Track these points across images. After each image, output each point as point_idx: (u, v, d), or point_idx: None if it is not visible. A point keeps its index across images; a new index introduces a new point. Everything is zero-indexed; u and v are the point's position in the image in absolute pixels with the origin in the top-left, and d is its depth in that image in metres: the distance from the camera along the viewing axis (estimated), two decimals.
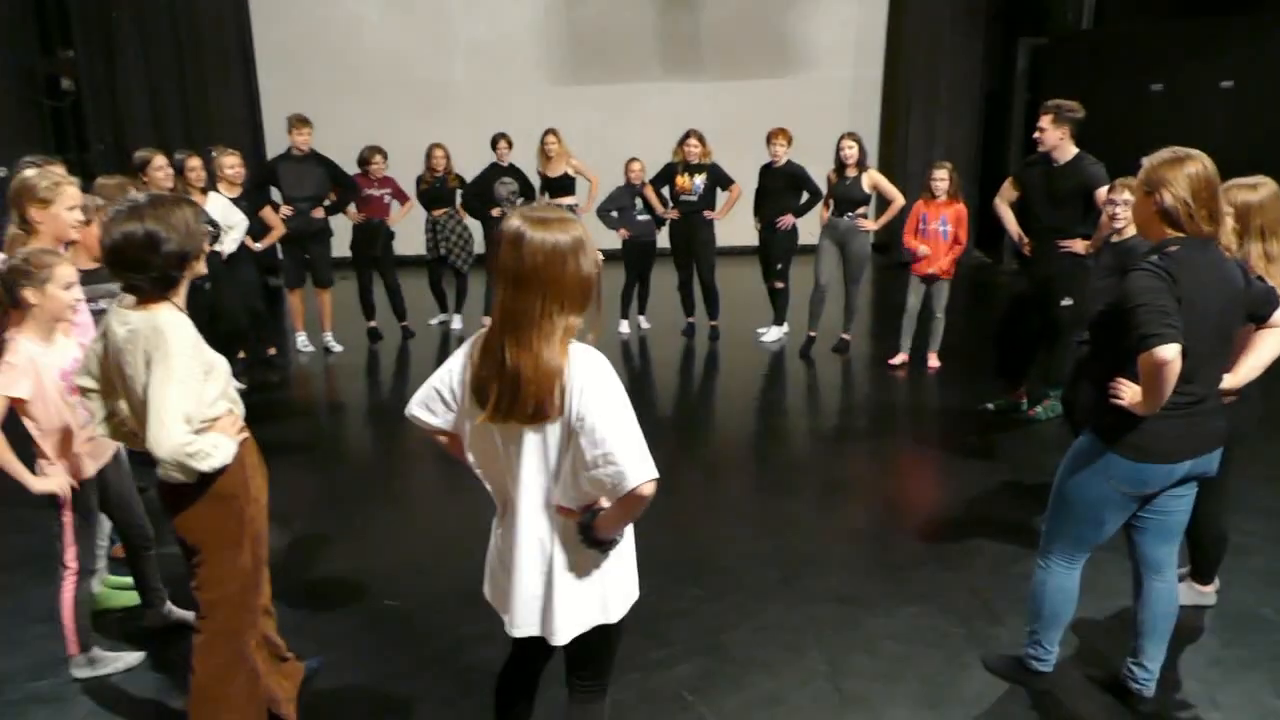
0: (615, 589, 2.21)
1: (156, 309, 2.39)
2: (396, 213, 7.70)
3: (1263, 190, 3.17)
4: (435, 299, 8.24)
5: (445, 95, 10.63)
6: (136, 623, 3.55)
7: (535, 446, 2.05)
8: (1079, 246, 5.30)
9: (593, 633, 2.20)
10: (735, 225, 8.00)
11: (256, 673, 2.70)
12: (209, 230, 2.53)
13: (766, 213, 7.39)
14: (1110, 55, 9.20)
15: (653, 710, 3.07)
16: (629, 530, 2.19)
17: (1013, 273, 5.86)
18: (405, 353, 7.64)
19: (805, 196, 7.25)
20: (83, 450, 3.09)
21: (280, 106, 7.68)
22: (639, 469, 1.96)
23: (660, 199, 7.61)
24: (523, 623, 2.18)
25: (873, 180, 6.90)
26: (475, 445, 2.15)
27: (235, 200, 6.38)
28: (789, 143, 7.17)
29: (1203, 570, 3.58)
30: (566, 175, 7.86)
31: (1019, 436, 5.58)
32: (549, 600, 2.14)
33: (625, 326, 7.98)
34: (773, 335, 7.69)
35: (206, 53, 10.07)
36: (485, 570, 2.32)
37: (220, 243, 6.01)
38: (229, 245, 6.16)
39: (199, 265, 2.49)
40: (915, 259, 6.59)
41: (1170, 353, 2.41)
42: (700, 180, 7.38)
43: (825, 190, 7.11)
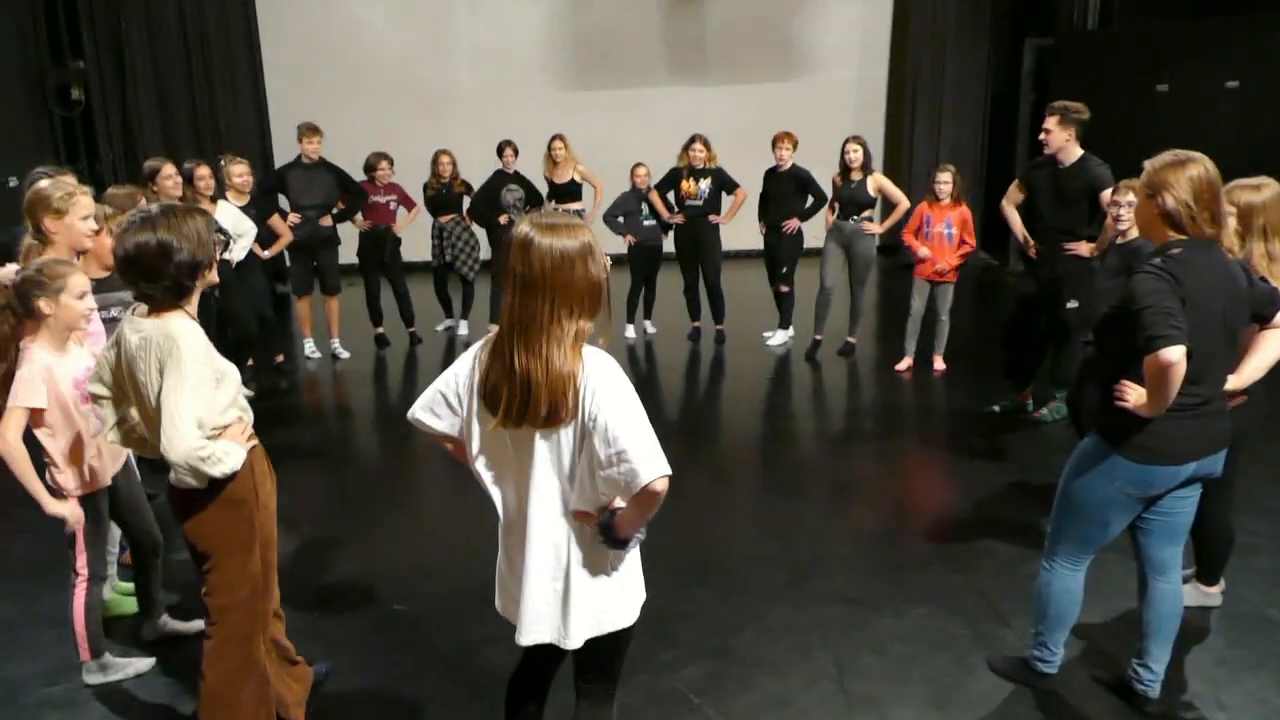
0: (625, 592, 2.22)
1: (169, 317, 2.42)
2: (403, 219, 7.73)
3: (1266, 191, 3.18)
4: (441, 305, 8.28)
5: (451, 102, 10.67)
6: (138, 629, 3.57)
7: (548, 451, 2.06)
8: (1084, 250, 5.31)
9: (603, 637, 2.20)
10: (740, 229, 8.04)
11: (266, 677, 2.72)
12: (220, 239, 2.55)
13: (772, 217, 7.40)
14: (1115, 55, 9.20)
15: (660, 712, 3.09)
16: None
17: (1019, 274, 5.87)
18: (413, 359, 7.67)
19: (810, 200, 7.27)
20: (94, 458, 3.12)
21: (288, 115, 7.73)
22: (652, 466, 1.98)
23: (665, 204, 7.63)
24: (534, 629, 2.17)
25: (877, 183, 6.92)
26: (487, 450, 2.15)
27: (243, 208, 6.42)
28: (794, 146, 7.19)
29: (1208, 571, 3.58)
30: (573, 181, 7.89)
31: (1025, 438, 5.58)
32: (563, 605, 2.14)
33: (631, 331, 8.00)
34: (778, 339, 7.71)
35: (215, 62, 10.14)
36: (496, 584, 2.31)
37: (230, 251, 6.06)
38: (238, 253, 6.21)
39: (211, 274, 2.52)
40: (917, 260, 6.60)
41: (1175, 354, 2.42)
42: (705, 184, 7.40)
43: (830, 194, 7.13)
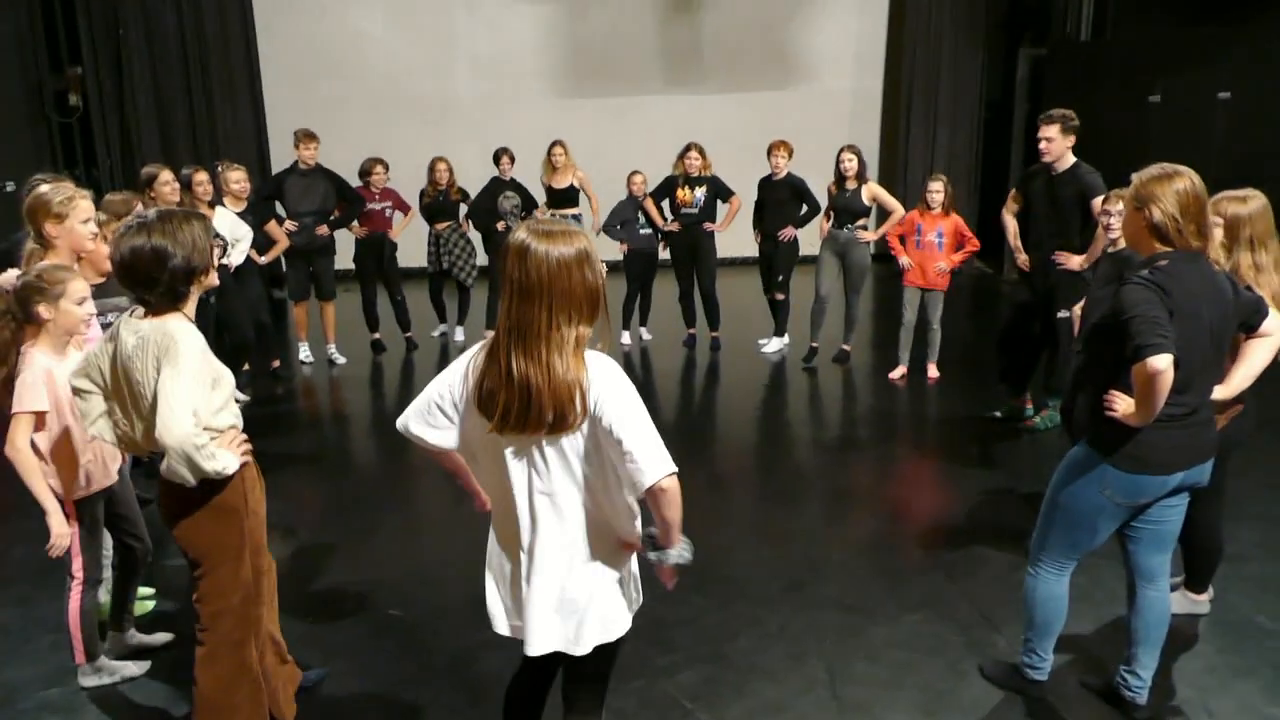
0: (627, 598, 2.24)
1: (167, 318, 2.45)
2: (399, 224, 7.75)
3: (1252, 203, 3.23)
4: (435, 311, 8.28)
5: (449, 109, 10.71)
6: (145, 630, 3.58)
7: (557, 457, 2.06)
8: (1074, 263, 5.33)
9: (603, 643, 2.21)
10: (736, 236, 8.07)
11: (260, 682, 2.73)
12: (218, 244, 2.58)
13: (767, 225, 7.42)
14: (1109, 66, 9.27)
15: (654, 717, 3.10)
16: (621, 542, 2.21)
17: (1013, 282, 5.91)
18: (409, 364, 7.69)
19: (805, 209, 7.30)
20: (90, 463, 3.13)
21: (286, 121, 7.75)
22: (657, 466, 2.00)
23: (660, 212, 7.65)
24: (544, 638, 2.15)
25: (872, 192, 6.95)
26: (488, 459, 2.13)
27: (241, 214, 6.44)
28: (789, 155, 7.21)
29: (1197, 579, 3.61)
30: (572, 187, 7.92)
31: (1019, 446, 5.61)
32: (573, 612, 2.14)
33: (627, 337, 8.02)
34: (774, 346, 7.73)
35: (213, 69, 10.17)
36: (491, 602, 2.27)
37: (228, 256, 6.08)
38: (236, 258, 6.23)
39: (208, 279, 2.54)
40: (901, 269, 6.64)
41: (1163, 362, 2.45)
42: (701, 192, 7.43)
43: (825, 202, 7.16)
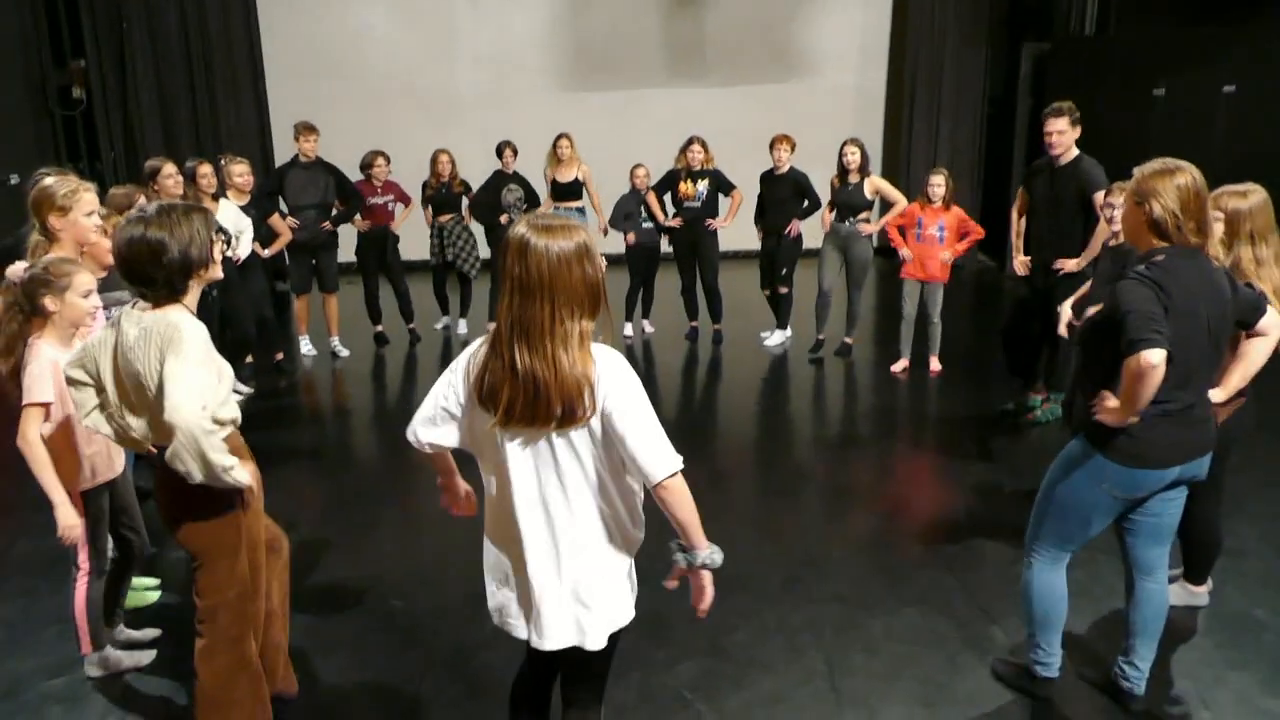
0: (629, 591, 2.25)
1: (168, 310, 2.44)
2: (400, 215, 7.74)
3: (1253, 197, 3.24)
4: (438, 303, 8.29)
5: (452, 103, 10.70)
6: (149, 621, 3.62)
7: (566, 449, 2.07)
8: (1070, 265, 5.32)
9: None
10: (738, 230, 8.06)
11: (259, 675, 2.73)
12: (219, 238, 2.55)
13: (770, 220, 7.39)
14: (1112, 61, 9.25)
15: (653, 709, 3.13)
16: (627, 534, 2.23)
17: (1015, 277, 5.91)
18: (412, 358, 7.71)
19: (805, 204, 7.29)
20: (95, 455, 3.14)
21: (289, 115, 7.75)
22: (660, 465, 2.04)
23: (662, 206, 7.65)
24: (555, 634, 2.16)
25: (875, 185, 6.95)
26: (493, 455, 2.14)
27: (244, 208, 6.47)
28: (792, 149, 7.19)
29: (1196, 571, 3.62)
30: (577, 180, 7.92)
31: (1020, 440, 5.62)
32: (584, 606, 2.15)
33: (629, 330, 8.04)
34: (776, 339, 7.74)
35: (216, 62, 10.17)
36: (493, 598, 2.28)
37: (234, 248, 6.11)
38: (243, 250, 6.25)
39: (210, 273, 2.52)
40: (901, 261, 6.63)
41: (1156, 357, 2.45)
42: (703, 186, 7.43)
43: (828, 196, 7.15)
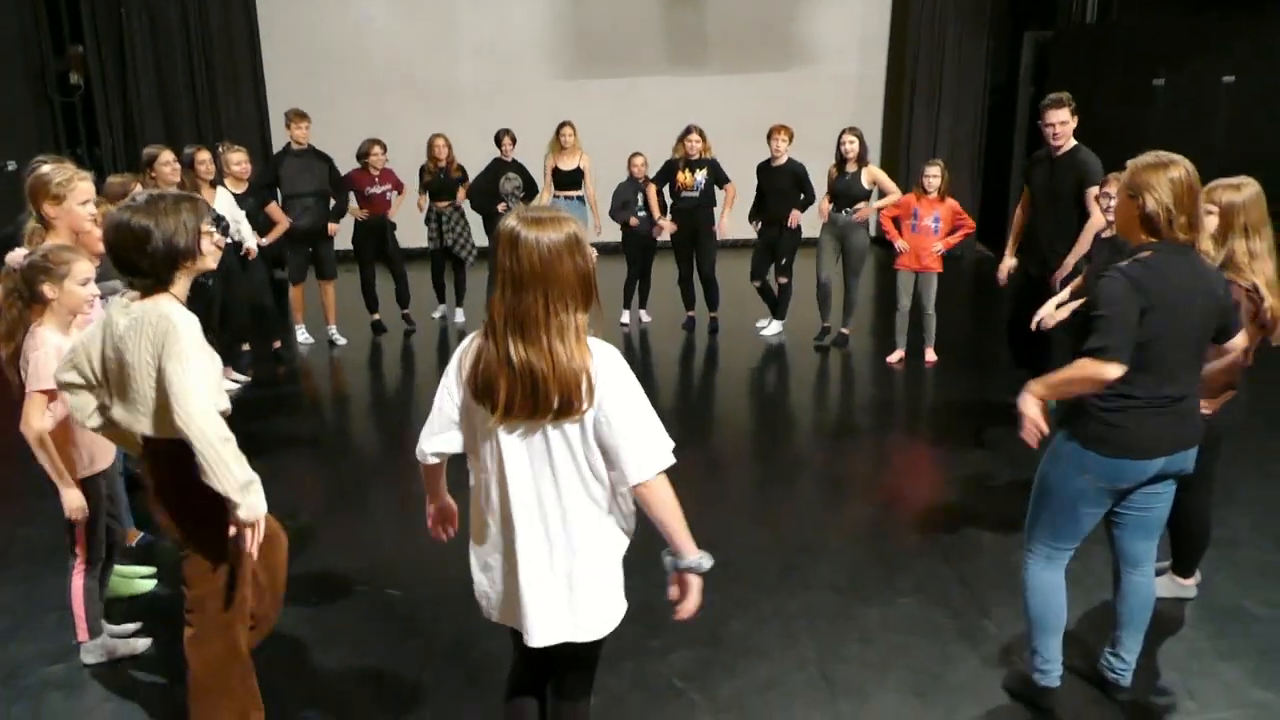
0: (620, 583, 2.25)
1: (158, 300, 2.42)
2: (396, 203, 7.73)
3: (1246, 190, 3.24)
4: (436, 292, 8.26)
5: (452, 91, 10.67)
6: (145, 610, 3.64)
7: (562, 441, 2.07)
8: (1067, 268, 5.24)
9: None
10: (735, 220, 8.05)
11: (250, 663, 2.72)
12: (212, 230, 2.53)
13: (773, 209, 7.29)
14: (1114, 49, 9.22)
15: (646, 698, 3.15)
16: (619, 526, 2.22)
17: (1011, 269, 5.91)
18: (409, 346, 7.72)
19: (802, 197, 7.25)
20: (92, 443, 3.15)
21: (288, 104, 7.71)
22: (644, 466, 2.04)
23: (660, 201, 7.63)
24: (548, 629, 2.16)
25: (872, 175, 6.94)
26: (488, 451, 2.13)
27: (242, 195, 6.47)
28: (790, 139, 7.16)
29: (1184, 564, 3.64)
30: (578, 169, 7.90)
31: (1015, 430, 5.60)
32: (578, 601, 2.15)
33: (627, 318, 8.05)
34: (773, 329, 7.74)
35: (216, 50, 10.15)
36: (484, 593, 2.27)
37: (240, 235, 6.17)
38: (249, 240, 6.31)
39: (199, 263, 2.49)
40: (898, 252, 6.63)
41: (1113, 372, 2.53)
42: (701, 176, 7.41)
43: (826, 186, 7.11)
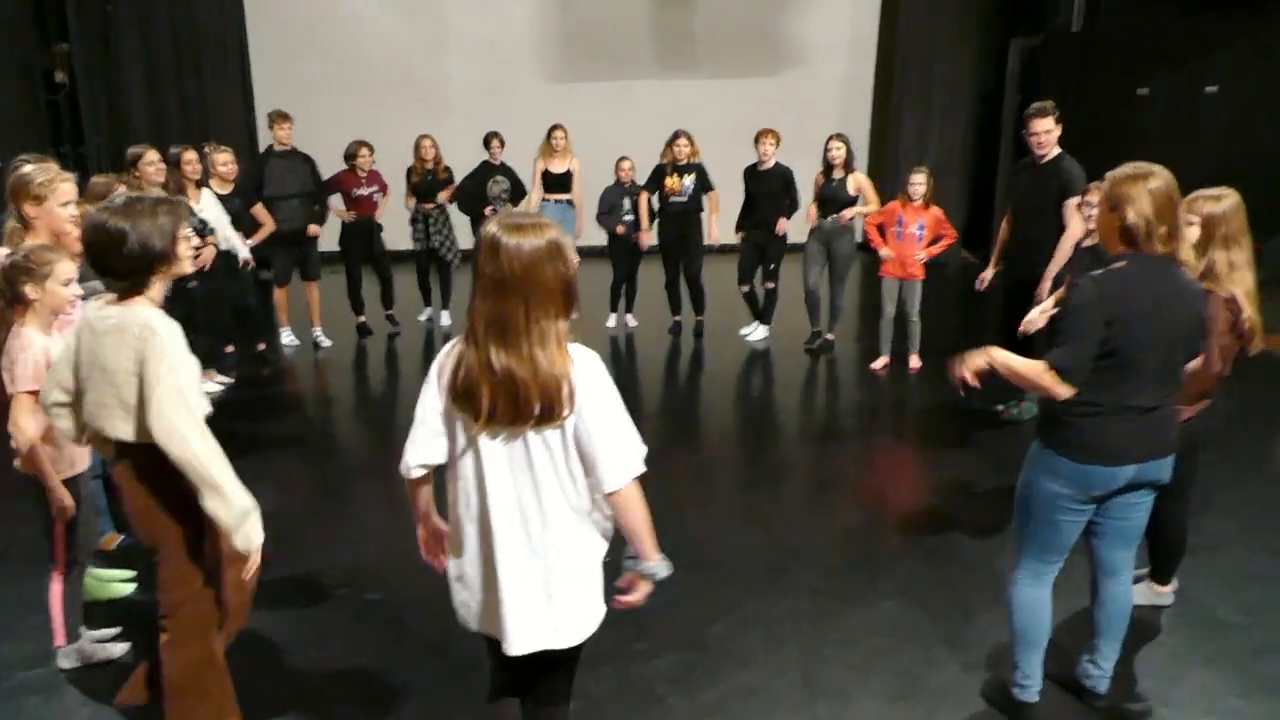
0: (599, 587, 2.26)
1: (136, 305, 2.40)
2: (383, 204, 7.71)
3: (1226, 201, 3.27)
4: (422, 294, 8.23)
5: (441, 92, 10.64)
6: (124, 614, 3.60)
7: (543, 447, 2.06)
8: (1045, 286, 5.17)
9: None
10: (724, 224, 8.07)
11: (225, 667, 2.70)
12: (188, 235, 2.49)
13: (762, 213, 7.28)
14: (1101, 57, 9.28)
15: (629, 701, 3.16)
16: (598, 532, 2.23)
17: (997, 274, 5.95)
18: (393, 348, 7.71)
19: (788, 202, 7.27)
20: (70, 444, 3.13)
21: (276, 103, 7.70)
22: (617, 474, 2.05)
23: (650, 208, 7.62)
24: (527, 637, 2.15)
25: (858, 183, 6.94)
26: (468, 457, 2.12)
27: (228, 196, 6.45)
28: (777, 143, 7.17)
29: (1161, 570, 3.66)
30: (569, 172, 7.90)
31: (999, 436, 5.67)
32: (557, 607, 2.15)
33: (613, 322, 8.06)
34: (759, 334, 7.75)
35: (203, 47, 10.09)
36: (463, 602, 2.25)
37: (230, 244, 6.19)
38: (243, 250, 6.33)
39: (176, 267, 2.46)
40: (883, 260, 6.65)
41: (1064, 392, 2.61)
42: (690, 181, 7.42)
43: (813, 192, 7.11)
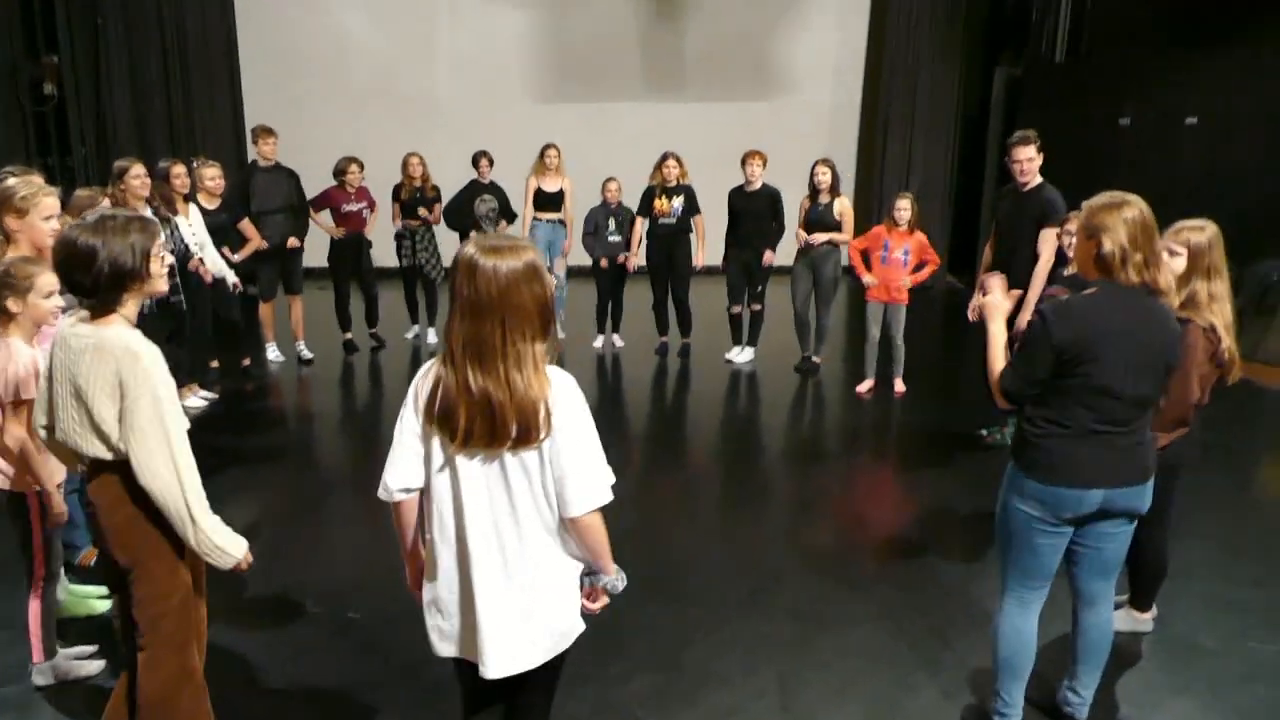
0: (576, 606, 2.25)
1: (113, 324, 2.35)
2: (371, 221, 7.70)
3: (1208, 231, 3.31)
4: (408, 310, 8.21)
5: (430, 109, 10.68)
6: (99, 630, 3.58)
7: (519, 469, 2.06)
8: (1024, 321, 5.25)
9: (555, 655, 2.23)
10: (711, 246, 8.10)
11: (202, 684, 2.66)
12: (163, 258, 2.44)
13: (749, 233, 7.29)
14: (1083, 87, 9.41)
15: None
16: (575, 551, 2.21)
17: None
18: (376, 364, 7.69)
19: (774, 224, 7.29)
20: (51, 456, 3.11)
21: (264, 118, 7.71)
22: (584, 500, 2.06)
23: (639, 233, 7.67)
24: (504, 661, 2.14)
25: (841, 207, 7.00)
26: (438, 480, 2.12)
27: (215, 211, 6.43)
28: (764, 164, 7.19)
29: (1141, 597, 3.68)
30: (560, 191, 7.93)
31: (980, 461, 5.68)
32: (532, 629, 2.14)
33: (599, 343, 8.06)
34: (745, 356, 7.76)
35: (192, 61, 10.09)
36: (438, 627, 2.22)
37: (219, 270, 6.19)
38: (229, 276, 6.33)
39: (148, 286, 2.40)
40: (866, 286, 6.68)
41: (1001, 403, 2.80)
42: (678, 202, 7.46)
43: (799, 217, 7.13)
